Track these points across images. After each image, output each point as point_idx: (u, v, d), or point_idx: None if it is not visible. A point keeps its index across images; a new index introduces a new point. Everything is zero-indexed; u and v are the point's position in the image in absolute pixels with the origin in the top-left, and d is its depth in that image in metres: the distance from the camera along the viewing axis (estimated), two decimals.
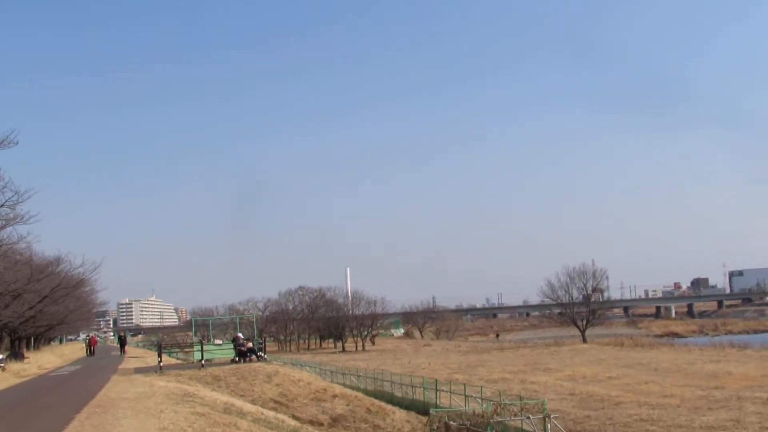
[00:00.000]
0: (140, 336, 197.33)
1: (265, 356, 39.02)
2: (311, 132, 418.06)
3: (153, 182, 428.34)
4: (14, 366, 39.65)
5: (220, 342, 44.72)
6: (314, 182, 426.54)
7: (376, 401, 35.16)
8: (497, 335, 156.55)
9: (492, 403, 28.72)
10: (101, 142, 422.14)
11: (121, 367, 38.45)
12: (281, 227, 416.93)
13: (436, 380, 39.54)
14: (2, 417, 17.44)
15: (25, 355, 50.04)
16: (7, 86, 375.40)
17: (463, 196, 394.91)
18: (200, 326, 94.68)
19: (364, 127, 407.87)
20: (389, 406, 34.80)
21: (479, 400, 32.20)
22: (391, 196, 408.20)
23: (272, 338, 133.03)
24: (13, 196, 30.01)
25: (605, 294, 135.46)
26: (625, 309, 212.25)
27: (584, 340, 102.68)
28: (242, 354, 36.52)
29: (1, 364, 37.81)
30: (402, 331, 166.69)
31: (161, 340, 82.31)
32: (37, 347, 73.27)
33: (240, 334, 39.85)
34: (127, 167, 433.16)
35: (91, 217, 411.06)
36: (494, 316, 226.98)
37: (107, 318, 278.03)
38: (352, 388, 42.06)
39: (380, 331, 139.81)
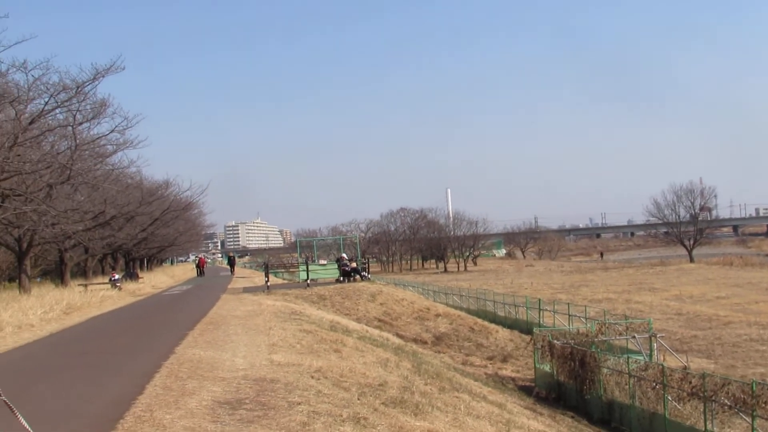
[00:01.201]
0: (247, 257, 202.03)
1: (369, 276, 39.50)
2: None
3: (259, 106, 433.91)
4: (129, 286, 41.25)
5: (324, 262, 45.38)
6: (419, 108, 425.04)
7: (479, 320, 35.34)
8: (601, 255, 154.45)
9: (596, 322, 28.51)
10: (206, 68, 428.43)
11: (230, 286, 39.51)
12: (384, 149, 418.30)
13: (540, 300, 39.44)
14: (122, 333, 18.21)
15: (140, 275, 51.93)
16: (114, 10, 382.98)
17: (566, 116, 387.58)
18: (305, 247, 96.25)
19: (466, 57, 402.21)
20: (492, 325, 34.94)
21: (583, 320, 32.04)
22: (494, 118, 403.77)
23: (375, 259, 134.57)
24: (122, 121, 30.72)
25: (713, 213, 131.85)
26: (735, 228, 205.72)
27: (691, 260, 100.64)
28: (346, 274, 37.06)
29: (118, 284, 39.31)
30: (504, 251, 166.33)
31: (268, 260, 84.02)
32: (150, 268, 75.96)
33: (344, 255, 40.37)
34: (232, 91, 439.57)
35: (197, 142, 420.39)
36: (598, 236, 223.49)
37: (215, 240, 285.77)
38: (455, 307, 42.35)
39: (482, 252, 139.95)
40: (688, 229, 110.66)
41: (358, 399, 9.78)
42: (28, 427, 2.69)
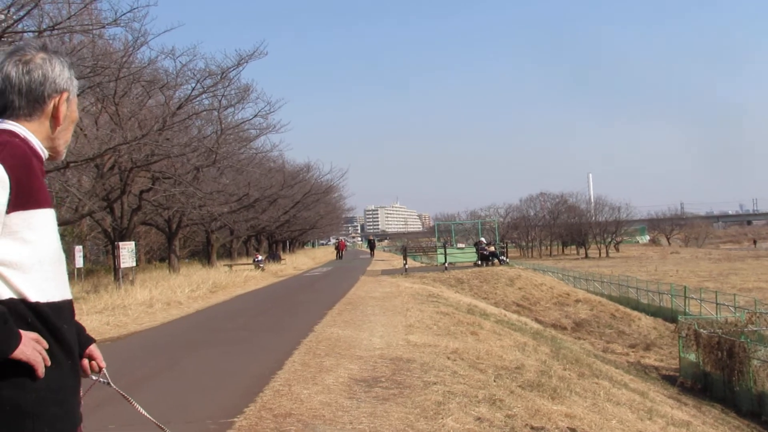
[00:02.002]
0: (386, 241, 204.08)
1: (507, 260, 39.17)
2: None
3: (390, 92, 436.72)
4: (272, 267, 42.31)
5: (462, 246, 45.33)
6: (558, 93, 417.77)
7: (621, 307, 34.48)
8: (754, 242, 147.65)
9: (746, 311, 27.30)
10: (346, 52, 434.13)
11: (369, 269, 39.98)
12: (521, 134, 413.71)
13: (685, 287, 38.11)
14: (264, 312, 18.68)
15: (282, 256, 53.25)
16: None
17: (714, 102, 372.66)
18: (443, 231, 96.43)
19: None
20: (635, 312, 34.02)
21: (732, 309, 30.76)
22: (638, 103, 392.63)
23: (513, 244, 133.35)
24: (265, 106, 31.71)
25: None
26: None
27: None
28: (484, 258, 36.85)
29: (261, 265, 40.40)
30: (647, 238, 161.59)
31: (406, 244, 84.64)
32: (292, 250, 77.70)
33: (483, 239, 40.19)
34: (371, 75, 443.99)
35: (336, 127, 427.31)
36: (749, 223, 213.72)
37: (355, 224, 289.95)
38: (596, 293, 41.49)
39: (624, 238, 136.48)
40: None
41: (494, 381, 9.66)
42: (146, 414, 2.73)
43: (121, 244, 25.56)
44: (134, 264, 27.35)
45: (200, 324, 16.44)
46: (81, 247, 31.64)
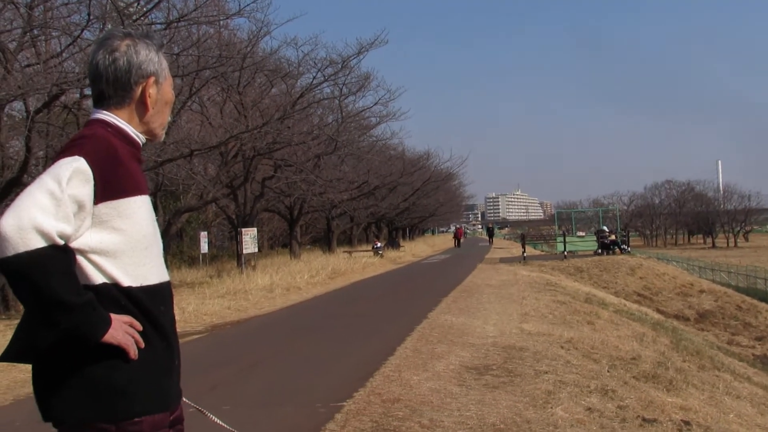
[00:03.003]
0: (506, 229, 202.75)
1: (629, 249, 38.36)
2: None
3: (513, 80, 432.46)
4: (391, 254, 42.67)
5: (583, 234, 44.64)
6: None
7: (748, 298, 33.29)
8: None
9: None
10: (466, 41, 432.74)
11: (487, 256, 39.83)
12: (650, 120, 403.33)
13: None
14: (380, 298, 18.91)
15: (401, 243, 53.62)
16: None
17: None
18: (563, 219, 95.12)
19: None
20: (762, 304, 32.79)
21: None
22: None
23: (638, 233, 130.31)
24: (385, 94, 31.96)
25: None
26: None
27: None
28: (605, 246, 36.20)
29: (380, 252, 40.76)
30: None
31: (525, 231, 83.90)
32: (411, 237, 78.06)
33: (604, 227, 39.48)
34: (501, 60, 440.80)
35: (461, 114, 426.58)
36: None
37: (475, 211, 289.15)
38: (722, 284, 40.19)
39: (754, 227, 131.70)
40: None
41: (608, 371, 9.53)
42: (227, 426, 2.85)
43: (244, 230, 26.28)
44: (256, 250, 28.05)
45: (317, 309, 16.78)
46: (206, 233, 32.69)
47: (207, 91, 25.66)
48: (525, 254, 35.50)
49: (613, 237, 37.29)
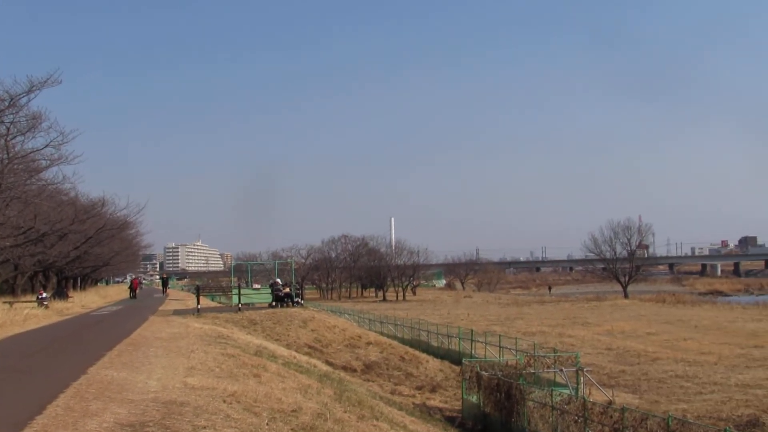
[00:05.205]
0: (185, 280, 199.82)
1: (302, 302, 39.29)
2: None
3: (196, 124, 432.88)
4: (58, 305, 40.35)
5: (258, 287, 45.09)
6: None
7: (410, 349, 35.33)
8: (549, 289, 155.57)
9: (526, 354, 28.70)
10: (146, 86, 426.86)
11: (160, 308, 38.97)
12: (325, 176, 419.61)
13: (472, 330, 39.64)
14: (37, 352, 17.79)
15: (70, 294, 50.91)
16: (52, 23, 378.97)
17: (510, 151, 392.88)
18: (242, 271, 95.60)
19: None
20: (423, 355, 34.96)
21: (514, 352, 32.21)
22: (442, 155, 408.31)
23: (314, 286, 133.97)
24: (58, 136, 30.33)
25: (650, 250, 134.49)
26: (671, 266, 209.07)
27: (626, 296, 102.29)
28: (279, 299, 36.80)
29: (45, 302, 38.50)
30: (444, 282, 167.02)
31: (202, 283, 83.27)
32: (83, 287, 74.52)
33: (278, 280, 40.13)
34: (176, 110, 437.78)
35: (137, 161, 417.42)
36: (537, 269, 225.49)
37: (154, 261, 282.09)
38: (389, 336, 42.32)
39: (422, 282, 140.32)
40: (624, 265, 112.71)
41: (267, 424, 9.64)
42: None
43: None
44: None
45: None
46: None
47: None
48: (199, 306, 35.08)
49: (287, 290, 38.00)
